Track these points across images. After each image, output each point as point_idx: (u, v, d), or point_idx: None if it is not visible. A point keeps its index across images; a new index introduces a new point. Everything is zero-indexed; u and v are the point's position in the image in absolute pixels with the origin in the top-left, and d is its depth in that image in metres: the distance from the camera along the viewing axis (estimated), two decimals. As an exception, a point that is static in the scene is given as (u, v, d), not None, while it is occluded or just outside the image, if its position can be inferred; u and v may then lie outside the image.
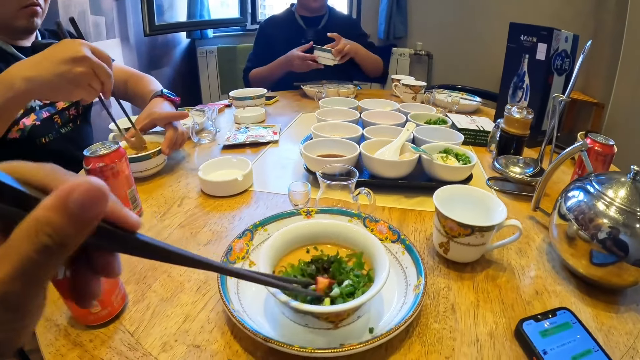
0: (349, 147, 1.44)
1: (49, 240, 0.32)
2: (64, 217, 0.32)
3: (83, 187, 0.33)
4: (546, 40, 1.69)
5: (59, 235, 0.32)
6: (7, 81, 1.08)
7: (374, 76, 2.97)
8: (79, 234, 0.33)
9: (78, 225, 0.33)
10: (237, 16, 4.76)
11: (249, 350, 0.75)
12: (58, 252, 0.33)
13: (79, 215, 0.33)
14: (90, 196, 0.33)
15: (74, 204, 0.32)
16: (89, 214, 0.33)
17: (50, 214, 0.32)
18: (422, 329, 0.81)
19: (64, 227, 0.32)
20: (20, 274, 0.32)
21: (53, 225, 0.32)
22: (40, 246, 0.32)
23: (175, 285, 0.92)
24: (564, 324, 0.80)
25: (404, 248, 0.94)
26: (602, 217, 0.87)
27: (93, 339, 0.77)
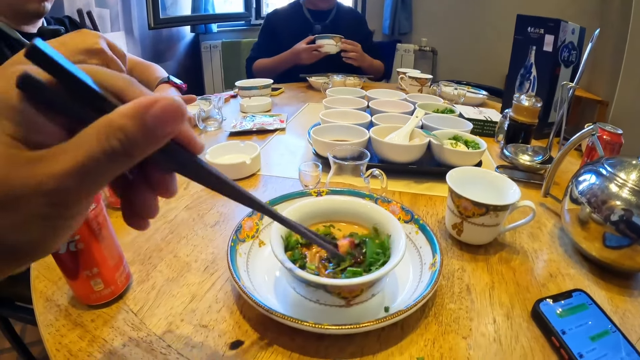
0: (358, 132, 1.42)
1: (118, 145, 0.32)
2: (139, 127, 0.32)
3: (164, 103, 0.33)
4: (553, 31, 1.68)
5: (130, 144, 0.32)
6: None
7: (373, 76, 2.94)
8: (148, 147, 0.34)
9: (150, 138, 0.33)
10: (241, 11, 4.76)
11: (259, 330, 0.74)
12: (122, 160, 0.33)
13: (154, 129, 0.33)
14: (170, 113, 0.33)
15: (151, 117, 0.32)
16: (163, 130, 0.33)
17: (125, 120, 0.32)
18: (438, 309, 0.79)
19: (136, 137, 0.32)
20: (79, 170, 0.32)
21: (126, 132, 0.32)
22: (108, 148, 0.31)
23: (181, 265, 0.91)
24: (580, 305, 0.78)
25: (418, 228, 0.93)
26: (615, 199, 0.86)
27: (95, 319, 0.75)
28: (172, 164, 0.40)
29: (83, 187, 0.33)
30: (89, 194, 0.34)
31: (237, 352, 0.69)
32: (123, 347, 0.69)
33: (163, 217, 1.09)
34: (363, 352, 0.70)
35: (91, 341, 0.70)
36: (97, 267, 0.74)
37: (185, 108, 0.34)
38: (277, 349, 0.70)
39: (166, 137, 0.34)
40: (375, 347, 0.71)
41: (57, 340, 0.70)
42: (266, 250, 0.91)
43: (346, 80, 2.43)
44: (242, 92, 2.20)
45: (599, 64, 3.98)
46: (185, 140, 0.39)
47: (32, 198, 0.31)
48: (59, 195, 0.32)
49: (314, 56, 2.63)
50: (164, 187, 0.42)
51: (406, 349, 0.70)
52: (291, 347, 0.70)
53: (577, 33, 1.73)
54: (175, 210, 1.12)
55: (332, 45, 2.61)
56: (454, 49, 4.84)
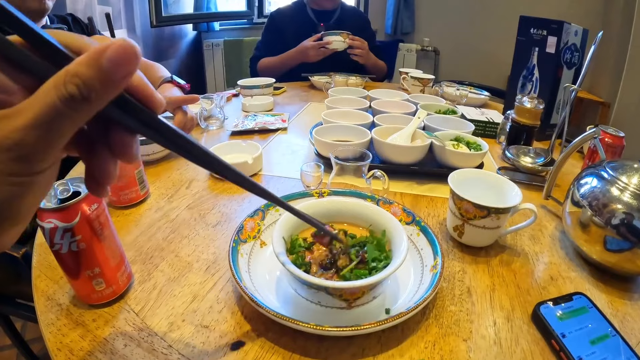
0: (360, 132, 1.42)
1: (75, 90, 0.32)
2: (94, 70, 0.32)
3: (116, 44, 0.33)
4: (556, 33, 1.68)
5: (86, 87, 0.32)
6: None
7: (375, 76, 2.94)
8: (106, 90, 0.33)
9: (106, 81, 0.33)
10: (244, 9, 4.76)
11: (260, 330, 0.74)
12: (81, 107, 0.33)
13: (109, 71, 0.33)
14: (123, 53, 0.33)
15: (106, 60, 0.32)
16: (119, 71, 0.33)
17: (81, 67, 0.32)
18: (439, 311, 0.79)
19: (92, 79, 0.32)
20: (40, 121, 0.32)
21: (82, 76, 0.32)
22: (66, 94, 0.32)
23: (183, 265, 0.91)
24: (580, 309, 0.79)
25: (419, 229, 0.93)
26: (617, 203, 0.87)
27: (96, 319, 0.75)
28: (131, 121, 0.39)
29: (46, 138, 0.33)
30: (53, 145, 0.34)
31: (238, 353, 0.69)
32: (124, 347, 0.70)
33: (165, 216, 1.09)
34: (364, 353, 0.70)
35: (92, 341, 0.70)
36: (98, 267, 0.74)
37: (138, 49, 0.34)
38: (278, 350, 0.70)
39: (123, 80, 0.34)
40: (375, 348, 0.71)
41: (58, 340, 0.70)
42: (267, 250, 0.91)
43: (348, 80, 2.43)
44: (244, 91, 2.20)
45: (602, 66, 3.97)
46: (142, 94, 0.39)
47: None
48: (22, 149, 0.32)
49: (322, 53, 2.62)
50: (124, 151, 0.41)
51: (407, 350, 0.71)
52: (292, 348, 0.70)
53: (579, 35, 1.73)
54: (177, 209, 1.12)
55: (340, 41, 2.60)
56: (456, 50, 4.84)
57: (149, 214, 1.09)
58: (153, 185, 1.24)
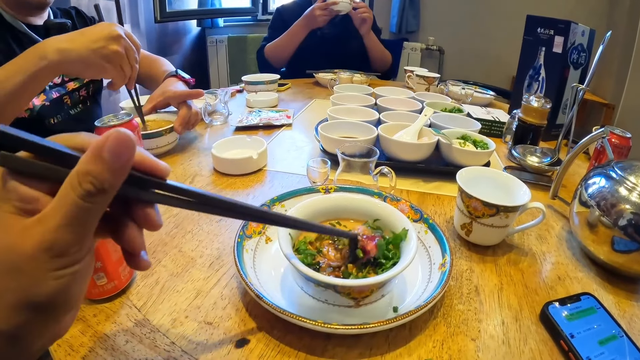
0: (366, 129, 1.41)
1: (91, 187, 0.37)
2: (100, 164, 0.37)
3: (112, 136, 0.38)
4: (563, 33, 1.67)
5: (99, 181, 0.37)
6: (41, 51, 1.09)
7: (381, 70, 2.95)
8: (115, 178, 0.39)
9: (113, 170, 0.38)
10: (248, 6, 4.75)
11: (265, 328, 0.73)
12: (100, 196, 0.38)
13: (113, 160, 0.38)
14: (120, 142, 0.38)
15: (107, 152, 0.37)
16: (121, 158, 0.38)
17: (88, 165, 0.37)
18: (447, 310, 0.79)
19: (102, 173, 0.37)
20: (68, 220, 0.37)
21: (92, 173, 0.37)
22: (84, 192, 0.37)
23: (186, 260, 0.90)
24: (588, 309, 0.78)
25: (427, 227, 0.92)
26: (625, 203, 0.86)
27: (97, 314, 0.74)
28: (144, 193, 0.44)
29: (77, 232, 0.38)
30: (84, 236, 0.39)
31: (242, 351, 0.68)
32: (126, 343, 0.69)
33: (168, 211, 1.08)
34: (371, 352, 0.69)
35: (93, 336, 0.69)
36: (100, 261, 0.73)
37: (132, 135, 0.39)
38: (284, 348, 0.69)
39: (127, 164, 0.39)
40: (383, 347, 0.70)
41: (58, 335, 0.69)
42: (273, 246, 0.90)
43: (353, 77, 2.42)
44: (249, 87, 2.20)
45: (606, 67, 3.97)
46: (148, 167, 0.44)
47: (36, 255, 0.37)
48: (58, 247, 0.37)
49: (328, 13, 2.60)
50: (146, 220, 0.46)
51: (414, 350, 0.70)
52: (298, 346, 0.69)
53: (586, 35, 1.72)
54: (181, 204, 1.10)
55: (346, 2, 2.59)
56: (460, 49, 4.83)
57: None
58: (156, 180, 1.22)
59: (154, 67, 1.76)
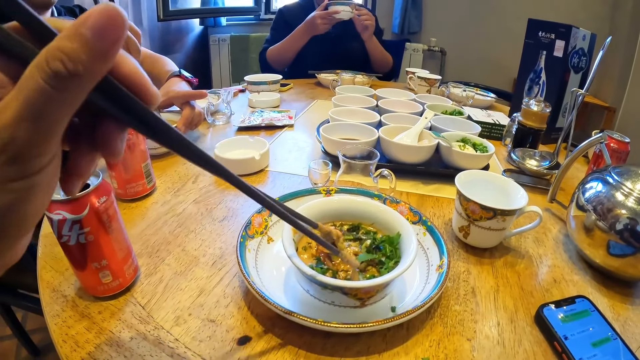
0: (367, 131, 1.42)
1: (60, 66, 0.28)
2: (77, 41, 0.28)
3: (98, 11, 0.29)
4: (564, 37, 1.67)
5: (72, 60, 0.28)
6: None
7: (382, 71, 2.95)
8: (94, 63, 0.29)
9: (93, 52, 0.29)
10: (251, 5, 4.75)
11: (266, 326, 0.74)
12: (70, 83, 0.29)
13: (94, 40, 0.29)
14: (106, 18, 0.29)
15: (88, 29, 0.29)
16: (105, 39, 0.29)
17: (62, 41, 0.28)
18: (444, 311, 0.80)
19: (77, 52, 0.28)
20: (28, 111, 0.28)
21: (64, 50, 0.28)
22: (50, 72, 0.28)
23: (189, 259, 0.91)
24: (582, 312, 0.79)
25: (426, 229, 0.94)
26: (621, 208, 0.87)
27: (102, 311, 0.76)
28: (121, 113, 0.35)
29: (38, 129, 0.29)
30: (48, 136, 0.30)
31: (244, 348, 0.70)
32: (130, 339, 0.70)
33: (171, 210, 1.09)
34: (369, 351, 0.70)
35: (98, 333, 0.71)
36: (105, 259, 0.74)
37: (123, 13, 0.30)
38: (284, 346, 0.70)
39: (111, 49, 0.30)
40: (381, 346, 0.71)
41: (63, 332, 0.71)
42: (274, 247, 0.91)
43: (355, 78, 2.43)
44: (251, 87, 2.21)
45: (608, 70, 3.96)
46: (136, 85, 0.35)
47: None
48: (16, 147, 0.29)
49: (328, 22, 2.60)
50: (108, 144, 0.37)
51: (411, 349, 0.71)
52: (298, 344, 0.71)
53: (587, 39, 1.73)
54: (184, 203, 1.12)
55: (347, 11, 2.57)
56: (462, 50, 4.83)
57: (156, 208, 1.10)
58: (159, 179, 1.24)
59: (157, 67, 1.76)
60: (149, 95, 0.36)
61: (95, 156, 0.39)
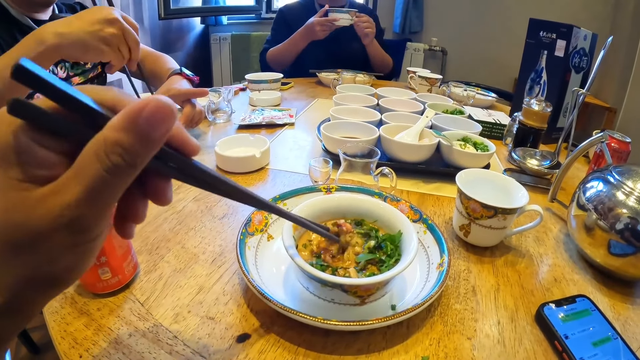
0: (368, 130, 1.42)
1: (120, 160, 0.32)
2: (134, 136, 0.32)
3: (152, 105, 0.32)
4: (565, 37, 1.67)
5: (130, 155, 0.32)
6: (38, 36, 1.08)
7: (381, 72, 2.93)
8: (148, 153, 0.33)
9: (148, 144, 0.33)
10: (252, 4, 4.75)
11: (266, 324, 0.74)
12: (128, 172, 0.33)
13: (149, 133, 0.32)
14: (160, 113, 0.33)
15: (144, 122, 0.32)
16: (158, 132, 0.33)
17: (120, 134, 0.32)
18: (444, 309, 0.80)
19: (134, 146, 0.32)
20: (90, 196, 0.32)
21: (123, 144, 0.32)
22: (111, 166, 0.32)
23: (189, 256, 0.91)
24: (583, 311, 0.79)
25: (426, 227, 0.93)
26: (622, 207, 0.87)
27: (101, 308, 0.75)
28: (167, 169, 0.40)
29: (97, 208, 0.33)
30: (105, 213, 0.35)
31: (243, 345, 0.69)
32: (129, 337, 0.70)
33: (171, 207, 1.09)
34: (369, 349, 0.70)
35: (97, 330, 0.70)
36: (105, 256, 0.74)
37: (174, 105, 0.34)
38: (284, 344, 0.70)
39: (163, 139, 0.34)
40: (381, 344, 0.71)
41: (62, 328, 0.70)
42: (274, 244, 0.91)
43: (356, 77, 2.43)
44: (252, 86, 2.20)
45: (609, 71, 3.96)
46: (179, 142, 0.39)
47: (53, 233, 0.32)
48: (77, 224, 0.33)
49: (327, 28, 2.60)
50: (158, 194, 0.42)
51: (411, 347, 0.71)
52: (298, 342, 0.70)
53: (589, 39, 1.72)
54: (184, 201, 1.12)
55: (347, 19, 2.57)
56: (463, 50, 4.82)
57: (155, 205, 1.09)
58: (160, 177, 1.23)
59: (158, 65, 1.76)
60: (190, 148, 0.41)
61: (146, 202, 0.43)
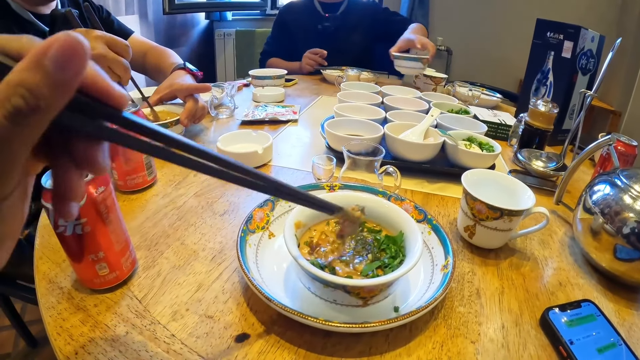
0: (372, 128, 1.41)
1: (21, 102, 0.28)
2: (38, 75, 0.28)
3: (60, 41, 0.28)
4: (573, 38, 1.66)
5: (33, 96, 0.28)
6: None
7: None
8: (55, 96, 0.29)
9: (55, 85, 0.29)
10: (257, 0, 4.74)
11: (265, 323, 0.73)
12: (32, 117, 0.29)
13: (56, 72, 0.28)
14: (69, 50, 0.29)
15: (50, 60, 0.28)
16: (68, 70, 0.29)
17: (23, 74, 0.28)
18: (448, 312, 0.78)
19: (38, 86, 0.28)
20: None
21: (25, 84, 0.28)
22: (11, 109, 0.28)
23: (188, 253, 0.90)
24: (588, 316, 0.78)
25: (431, 228, 0.92)
26: (629, 211, 0.85)
27: (98, 304, 0.74)
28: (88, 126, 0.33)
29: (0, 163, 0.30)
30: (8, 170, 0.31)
31: (242, 345, 0.68)
32: (126, 334, 0.69)
33: (171, 202, 1.08)
34: (370, 351, 0.69)
35: (93, 326, 0.69)
36: (102, 251, 0.73)
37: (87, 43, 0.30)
38: (284, 344, 0.69)
39: (73, 80, 0.30)
40: (383, 347, 0.70)
41: (58, 324, 0.69)
42: (276, 242, 0.90)
43: (361, 74, 2.42)
44: (256, 82, 2.20)
45: (614, 74, 3.95)
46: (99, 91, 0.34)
47: None
48: None
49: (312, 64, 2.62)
50: (88, 161, 0.36)
51: (414, 350, 0.70)
52: (298, 343, 0.69)
53: (596, 41, 1.71)
54: (184, 196, 1.11)
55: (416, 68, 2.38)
56: (469, 50, 4.82)
57: (156, 200, 1.08)
58: (160, 172, 1.23)
59: (161, 59, 1.75)
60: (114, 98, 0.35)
61: (80, 175, 0.38)
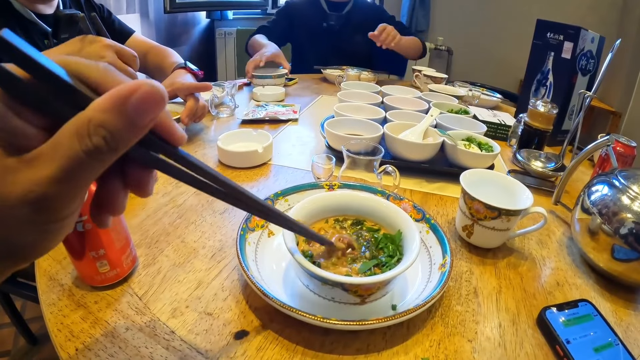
0: (372, 127, 1.42)
1: (102, 142, 0.30)
2: (120, 120, 0.30)
3: (143, 89, 0.30)
4: (573, 39, 1.66)
5: (114, 139, 0.30)
6: None
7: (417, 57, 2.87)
8: (132, 138, 0.32)
9: (134, 129, 0.31)
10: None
11: (264, 321, 0.73)
12: (107, 156, 0.31)
13: (136, 119, 0.31)
14: (150, 99, 0.31)
15: (132, 107, 0.30)
16: (146, 118, 0.31)
17: (106, 115, 0.30)
18: (445, 311, 0.79)
19: (120, 130, 0.30)
20: (64, 175, 0.30)
21: (108, 127, 0.30)
22: (91, 146, 0.30)
23: (188, 251, 0.90)
24: (585, 316, 0.78)
25: (429, 227, 0.92)
26: (627, 212, 0.86)
27: (98, 301, 0.75)
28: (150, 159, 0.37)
29: (68, 190, 0.31)
30: (76, 196, 0.33)
31: (241, 342, 0.69)
32: (126, 330, 0.69)
33: (172, 201, 1.08)
34: (368, 349, 0.69)
35: (94, 323, 0.70)
36: (103, 249, 0.73)
37: (165, 92, 0.32)
38: (282, 341, 0.69)
39: (149, 125, 0.32)
40: (380, 345, 0.70)
41: (59, 321, 0.70)
42: (275, 240, 0.90)
43: (361, 74, 2.42)
44: (256, 81, 2.20)
45: (614, 75, 3.95)
46: (164, 130, 0.37)
47: (18, 207, 0.30)
48: (44, 202, 0.31)
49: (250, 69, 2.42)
50: (139, 185, 0.40)
51: (411, 348, 0.70)
52: (296, 340, 0.70)
53: (596, 42, 1.71)
54: (185, 195, 1.11)
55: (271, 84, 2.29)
56: (469, 50, 4.82)
57: (156, 198, 1.09)
58: (161, 171, 1.22)
59: (162, 59, 1.76)
60: (176, 138, 0.38)
61: (126, 193, 0.41)
